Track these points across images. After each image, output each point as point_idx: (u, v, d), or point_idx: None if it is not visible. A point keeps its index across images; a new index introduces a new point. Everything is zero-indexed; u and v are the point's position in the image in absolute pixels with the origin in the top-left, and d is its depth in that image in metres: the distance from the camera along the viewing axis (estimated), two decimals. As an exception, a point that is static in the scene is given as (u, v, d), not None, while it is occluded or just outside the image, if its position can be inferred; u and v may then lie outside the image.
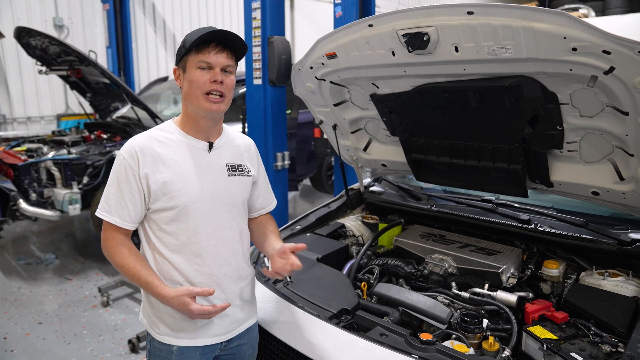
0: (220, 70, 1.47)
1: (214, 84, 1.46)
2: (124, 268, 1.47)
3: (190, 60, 1.47)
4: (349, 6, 4.23)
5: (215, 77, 1.46)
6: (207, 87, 1.46)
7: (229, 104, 1.53)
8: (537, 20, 1.48)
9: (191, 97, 1.48)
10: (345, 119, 2.60)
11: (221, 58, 1.47)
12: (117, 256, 1.48)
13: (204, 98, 1.46)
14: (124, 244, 1.49)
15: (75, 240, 5.80)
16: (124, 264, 1.47)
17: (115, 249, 1.48)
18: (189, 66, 1.48)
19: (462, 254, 2.17)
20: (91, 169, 4.65)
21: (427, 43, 1.75)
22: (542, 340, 1.57)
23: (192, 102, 1.49)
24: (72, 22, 7.59)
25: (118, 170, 1.48)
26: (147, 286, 1.44)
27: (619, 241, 1.96)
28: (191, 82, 1.47)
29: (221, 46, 1.47)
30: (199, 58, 1.45)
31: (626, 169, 1.85)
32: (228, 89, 1.50)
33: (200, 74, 1.46)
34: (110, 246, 1.49)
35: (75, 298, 4.20)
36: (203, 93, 1.46)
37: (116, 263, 1.48)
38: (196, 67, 1.46)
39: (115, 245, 1.48)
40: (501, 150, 2.06)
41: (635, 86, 1.49)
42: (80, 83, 5.65)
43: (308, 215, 2.79)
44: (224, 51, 1.47)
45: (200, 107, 1.48)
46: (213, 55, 1.45)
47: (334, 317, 1.76)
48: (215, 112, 1.49)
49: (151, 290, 1.44)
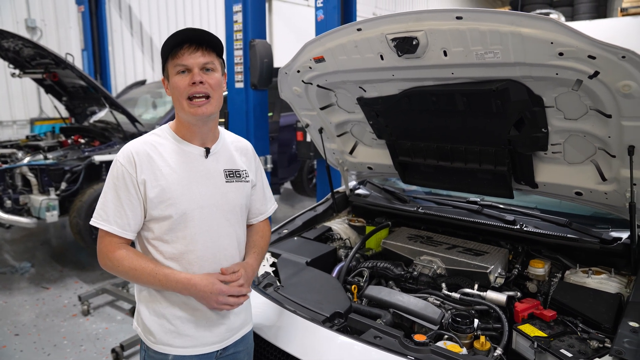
0: (199, 69, 1.42)
1: (194, 87, 1.41)
2: (136, 271, 1.40)
3: (169, 67, 1.45)
4: (330, 10, 4.26)
5: (194, 78, 1.41)
6: (188, 91, 1.42)
7: (217, 104, 1.48)
8: (525, 25, 1.52)
9: (177, 104, 1.46)
10: (331, 123, 2.61)
11: (196, 57, 1.42)
12: (125, 261, 1.41)
13: (187, 104, 1.42)
14: (126, 248, 1.44)
15: (51, 247, 5.64)
16: (135, 266, 1.40)
17: (119, 255, 1.42)
18: (170, 73, 1.45)
19: (451, 255, 2.19)
20: (69, 174, 4.55)
21: (416, 47, 1.77)
22: (533, 338, 1.60)
23: (179, 109, 1.46)
24: (45, 24, 7.40)
25: (115, 177, 1.43)
26: (167, 278, 1.40)
27: (601, 240, 2.02)
28: (174, 90, 1.44)
29: (195, 45, 1.42)
30: (176, 62, 1.42)
31: (608, 169, 1.91)
32: (212, 87, 1.44)
33: (180, 79, 1.42)
34: (111, 255, 1.43)
35: (54, 307, 4.09)
36: (185, 98, 1.42)
37: (124, 268, 1.41)
38: (175, 72, 1.43)
39: (118, 251, 1.42)
40: (487, 152, 2.10)
41: (618, 90, 1.54)
42: (55, 86, 5.51)
43: (294, 219, 2.79)
44: (198, 50, 1.42)
45: (186, 114, 1.45)
46: (187, 56, 1.41)
47: (327, 320, 1.76)
48: (202, 115, 1.44)
49: (173, 279, 1.40)
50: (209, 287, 1.41)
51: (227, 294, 1.43)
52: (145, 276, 1.41)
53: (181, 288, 1.42)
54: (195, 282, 1.41)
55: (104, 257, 1.44)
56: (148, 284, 1.44)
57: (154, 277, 1.40)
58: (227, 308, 1.46)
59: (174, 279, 1.41)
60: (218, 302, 1.42)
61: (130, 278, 1.44)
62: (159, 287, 1.45)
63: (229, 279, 1.46)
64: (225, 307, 1.45)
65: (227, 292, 1.43)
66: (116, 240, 1.44)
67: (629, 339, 1.46)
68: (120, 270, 1.43)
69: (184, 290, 1.42)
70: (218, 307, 1.44)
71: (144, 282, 1.43)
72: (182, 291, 1.43)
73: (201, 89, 1.42)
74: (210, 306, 1.45)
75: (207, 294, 1.41)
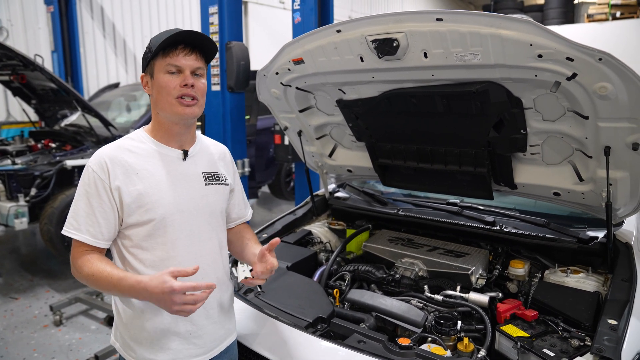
0: (190, 73, 1.39)
1: (184, 88, 1.38)
2: (94, 276, 1.32)
3: (157, 65, 1.39)
4: (307, 12, 4.25)
5: (186, 80, 1.38)
6: (178, 92, 1.38)
7: (202, 108, 1.47)
8: (505, 27, 1.53)
9: (162, 103, 1.40)
10: (310, 125, 2.59)
11: (190, 60, 1.39)
12: (85, 267, 1.34)
13: (177, 102, 1.38)
14: (90, 254, 1.37)
15: (20, 256, 5.44)
16: (93, 271, 1.32)
17: (81, 261, 1.35)
18: (156, 71, 1.40)
19: (432, 257, 2.20)
20: (39, 180, 4.39)
21: (397, 49, 1.76)
22: (515, 338, 1.61)
23: (164, 108, 1.41)
24: (12, 24, 7.15)
25: (87, 184, 1.38)
26: (120, 283, 1.28)
27: (578, 239, 2.05)
28: (161, 88, 1.39)
29: (190, 48, 1.40)
30: (167, 62, 1.38)
31: (585, 170, 1.94)
32: (200, 93, 1.42)
33: (170, 79, 1.38)
34: (75, 262, 1.37)
35: (23, 318, 3.93)
36: (175, 97, 1.38)
37: (85, 274, 1.34)
38: (164, 71, 1.38)
39: (81, 257, 1.36)
40: (467, 154, 2.12)
41: (595, 91, 1.57)
42: (24, 89, 5.33)
43: (274, 223, 2.75)
44: (192, 53, 1.40)
45: (173, 113, 1.40)
46: (182, 57, 1.38)
47: (310, 325, 1.73)
48: (189, 116, 1.41)
49: (126, 284, 1.27)
50: (159, 287, 1.22)
51: (181, 291, 1.21)
52: (102, 281, 1.32)
53: (135, 293, 1.29)
54: (144, 283, 1.24)
55: (72, 264, 1.39)
56: (106, 290, 1.36)
57: (109, 281, 1.30)
58: (187, 311, 1.24)
59: (127, 284, 1.28)
60: (175, 302, 1.22)
61: (91, 284, 1.36)
62: (116, 293, 1.37)
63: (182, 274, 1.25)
64: (185, 308, 1.23)
65: (180, 289, 1.21)
66: (89, 248, 1.38)
67: (608, 337, 1.48)
68: (82, 277, 1.36)
69: (137, 295, 1.29)
70: (178, 309, 1.23)
71: (102, 287, 1.34)
72: (137, 296, 1.31)
73: (191, 92, 1.39)
74: (170, 310, 1.24)
75: (160, 295, 1.22)
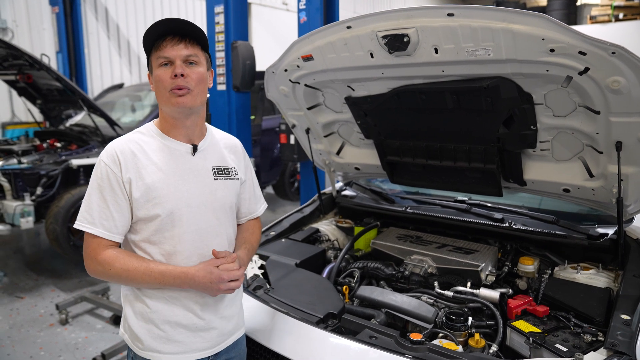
0: (181, 62, 1.38)
1: (175, 79, 1.37)
2: (129, 272, 1.35)
3: (153, 60, 1.41)
4: (313, 12, 4.26)
5: (175, 70, 1.36)
6: (170, 84, 1.37)
7: (200, 98, 1.44)
8: (517, 22, 1.53)
9: (160, 97, 1.42)
10: (318, 123, 2.59)
11: (179, 49, 1.37)
12: (116, 262, 1.35)
13: (171, 94, 1.38)
14: (115, 249, 1.38)
15: (25, 255, 5.45)
16: (127, 266, 1.35)
17: (108, 256, 1.36)
18: (153, 67, 1.41)
19: (441, 254, 2.19)
20: (45, 179, 4.39)
21: (407, 44, 1.76)
22: (527, 334, 1.61)
23: (162, 101, 1.42)
24: (17, 25, 7.18)
25: (99, 177, 1.38)
26: (163, 275, 1.36)
27: (588, 236, 2.05)
28: (157, 83, 1.40)
29: (178, 37, 1.38)
30: (158, 54, 1.38)
31: (595, 166, 1.93)
32: (194, 81, 1.39)
33: (162, 72, 1.38)
34: (99, 258, 1.36)
35: (29, 317, 3.93)
36: (168, 90, 1.38)
37: (116, 270, 1.35)
38: (158, 65, 1.39)
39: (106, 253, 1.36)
40: (477, 150, 2.11)
41: (607, 86, 1.57)
42: (29, 89, 5.35)
43: (281, 221, 2.75)
44: (181, 42, 1.38)
45: (169, 105, 1.40)
46: (169, 48, 1.37)
47: (321, 321, 1.73)
48: (182, 106, 1.39)
49: (170, 277, 1.37)
50: (207, 277, 1.38)
51: (227, 279, 1.40)
52: (140, 276, 1.35)
53: (180, 283, 1.38)
54: (192, 274, 1.38)
55: (92, 261, 1.37)
56: (144, 284, 1.38)
57: (150, 275, 1.35)
58: (230, 292, 1.44)
59: (171, 275, 1.37)
60: (220, 290, 1.40)
61: (124, 280, 1.38)
62: (155, 286, 1.39)
63: (225, 262, 1.43)
64: (229, 292, 1.44)
65: (227, 278, 1.39)
66: (104, 243, 1.38)
67: (621, 332, 1.48)
68: (111, 274, 1.36)
69: (182, 284, 1.39)
70: (225, 288, 1.41)
71: (139, 282, 1.37)
72: (181, 285, 1.40)
73: (182, 82, 1.37)
74: (213, 294, 1.44)
75: (207, 284, 1.38)
